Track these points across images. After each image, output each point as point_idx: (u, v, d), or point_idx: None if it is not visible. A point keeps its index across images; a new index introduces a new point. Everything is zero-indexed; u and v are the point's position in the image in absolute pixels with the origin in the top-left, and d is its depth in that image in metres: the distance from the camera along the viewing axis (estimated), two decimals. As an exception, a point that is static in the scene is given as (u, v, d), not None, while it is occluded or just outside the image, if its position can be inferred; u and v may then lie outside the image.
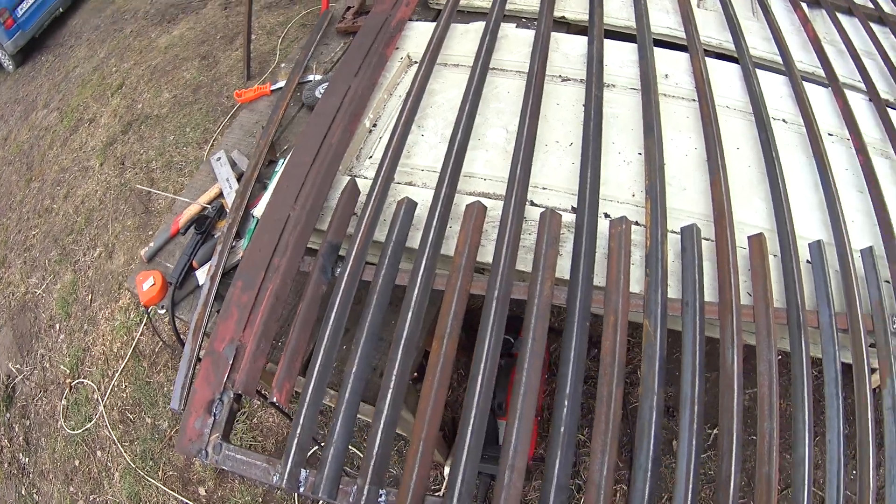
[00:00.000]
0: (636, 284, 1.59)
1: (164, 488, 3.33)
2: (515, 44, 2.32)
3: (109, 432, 3.64)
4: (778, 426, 1.40)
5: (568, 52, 2.28)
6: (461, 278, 1.55)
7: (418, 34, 2.45)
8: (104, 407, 3.76)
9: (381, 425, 1.40)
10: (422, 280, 1.57)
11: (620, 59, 2.25)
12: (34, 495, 3.77)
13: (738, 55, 2.31)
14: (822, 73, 2.32)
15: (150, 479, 3.37)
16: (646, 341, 1.47)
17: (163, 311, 2.08)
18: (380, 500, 1.35)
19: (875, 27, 2.56)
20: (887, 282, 1.70)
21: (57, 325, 4.37)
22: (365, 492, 1.34)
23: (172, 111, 5.54)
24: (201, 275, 2.07)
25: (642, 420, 1.39)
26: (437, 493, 1.42)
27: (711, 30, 2.48)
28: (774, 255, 1.70)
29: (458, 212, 1.72)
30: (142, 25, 6.99)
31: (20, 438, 4.06)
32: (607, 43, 2.29)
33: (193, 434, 1.49)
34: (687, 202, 1.80)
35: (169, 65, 6.14)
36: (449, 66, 2.29)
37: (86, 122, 5.78)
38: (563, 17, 2.52)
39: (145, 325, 3.94)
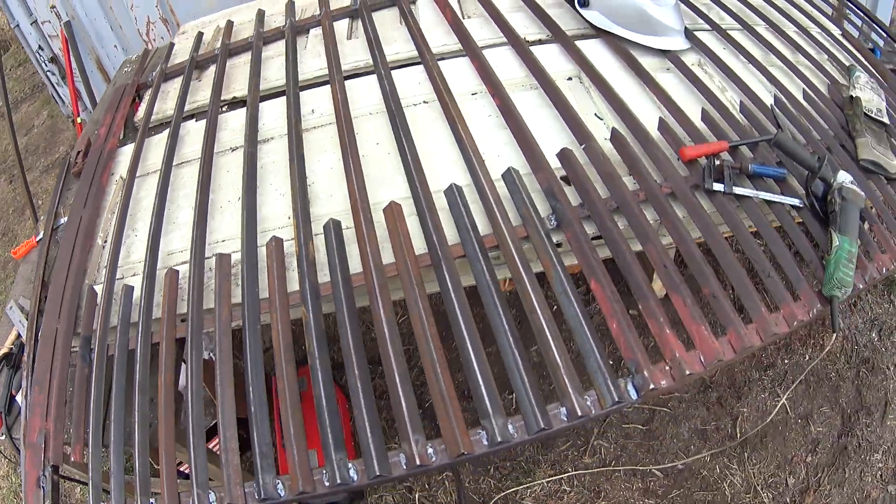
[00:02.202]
0: (296, 285, 2.06)
1: None
2: (195, 136, 2.82)
3: None
4: (439, 352, 1.73)
5: (235, 126, 2.80)
6: (166, 329, 2.06)
7: (127, 157, 2.90)
8: None
9: (137, 450, 1.86)
10: (141, 341, 2.07)
11: (275, 114, 2.77)
12: None
13: (374, 67, 2.81)
14: (459, 47, 2.83)
15: None
16: (304, 323, 1.92)
17: (2, 437, 2.50)
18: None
19: None
20: (538, 191, 2.08)
21: (-49, 515, 4.56)
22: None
23: (-12, 293, 5.77)
24: (20, 398, 2.49)
25: (317, 391, 1.78)
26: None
27: (359, 54, 3.00)
28: (414, 216, 2.08)
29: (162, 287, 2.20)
30: (-64, 219, 7.14)
31: None
32: (265, 105, 2.83)
33: None
34: (334, 206, 2.29)
35: (-28, 249, 6.33)
36: (150, 174, 2.74)
37: None
38: (235, 98, 3.03)
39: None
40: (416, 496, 3.12)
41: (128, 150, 2.98)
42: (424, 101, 2.62)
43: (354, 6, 3.39)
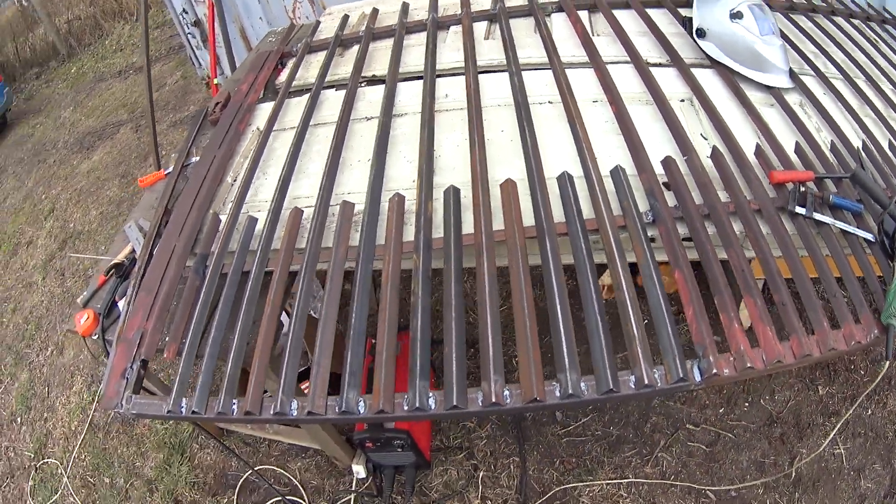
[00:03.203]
0: (410, 237, 2.27)
1: (123, 536, 3.77)
2: (333, 102, 3.10)
3: (74, 498, 4.10)
4: (531, 308, 1.91)
5: (372, 99, 3.07)
6: (283, 258, 2.28)
7: (264, 113, 3.22)
8: (68, 478, 4.23)
9: (233, 355, 2.05)
10: (258, 264, 2.29)
11: (410, 94, 3.04)
12: (-4, 579, 4.14)
13: (506, 66, 3.07)
14: (586, 59, 3.05)
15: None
16: (413, 268, 2.13)
17: (95, 337, 2.73)
18: (233, 406, 1.94)
19: (652, 11, 3.39)
20: (640, 191, 2.28)
21: (18, 419, 4.87)
22: (222, 402, 1.94)
23: (101, 225, 6.27)
24: (122, 304, 2.72)
25: (414, 324, 1.98)
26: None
27: (493, 53, 3.27)
28: (527, 196, 2.28)
29: (284, 223, 2.43)
30: (63, 155, 7.75)
31: (-11, 529, 4.45)
32: (402, 85, 3.10)
33: (112, 394, 2.06)
34: (455, 177, 2.50)
35: (93, 186, 6.91)
36: (285, 130, 3.03)
37: (24, 245, 6.44)
38: (374, 76, 3.31)
39: (90, 353, 4.38)
40: (481, 475, 3.28)
41: (266, 107, 3.29)
42: (549, 102, 2.84)
43: (493, 11, 3.67)
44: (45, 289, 5.80)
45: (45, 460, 4.47)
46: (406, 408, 1.83)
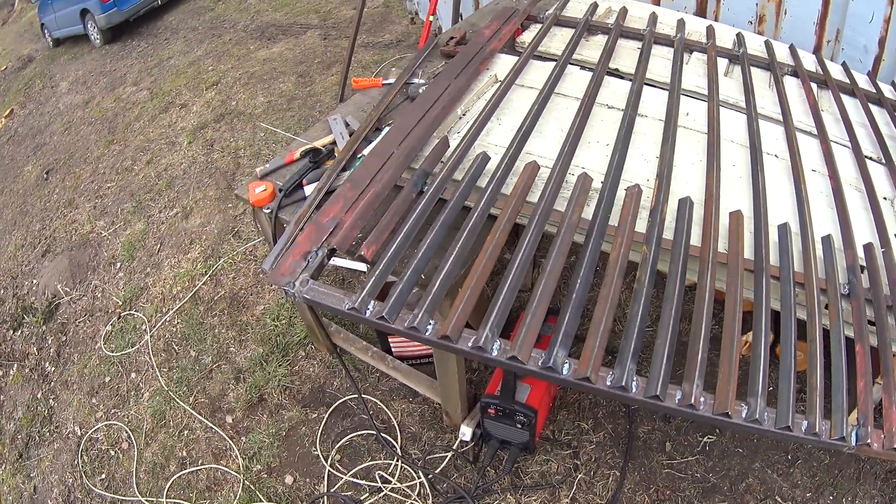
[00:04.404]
0: (641, 225, 2.35)
1: (192, 412, 3.83)
2: (576, 79, 3.23)
3: (150, 358, 4.20)
4: (738, 331, 2.02)
5: (616, 89, 3.18)
6: (514, 204, 2.34)
7: (504, 63, 3.39)
8: (150, 337, 4.35)
9: (441, 278, 2.10)
10: (484, 203, 2.35)
11: (654, 100, 3.13)
12: (50, 401, 4.29)
13: (745, 107, 3.17)
14: (815, 130, 3.14)
15: (180, 401, 3.89)
16: (642, 258, 2.21)
17: (268, 211, 2.78)
18: (428, 326, 1.99)
19: (873, 107, 3.45)
20: (842, 265, 2.43)
21: (118, 264, 5.07)
22: (419, 318, 1.97)
23: (266, 113, 6.39)
24: (308, 189, 2.82)
25: (635, 308, 2.04)
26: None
27: (732, 91, 3.36)
28: (749, 232, 2.43)
29: (517, 172, 2.53)
30: (241, 36, 8.04)
31: (51, 350, 4.65)
32: (646, 88, 3.18)
33: (287, 270, 2.12)
34: (687, 190, 2.58)
35: (266, 75, 7.09)
36: (524, 87, 3.18)
37: (177, 106, 6.70)
38: (617, 70, 3.41)
39: (252, 217, 4.34)
40: (579, 477, 3.32)
41: (505, 58, 3.47)
42: (776, 156, 2.94)
43: (736, 52, 3.75)
44: (188, 152, 6.02)
45: (132, 312, 4.63)
46: (609, 383, 1.88)
